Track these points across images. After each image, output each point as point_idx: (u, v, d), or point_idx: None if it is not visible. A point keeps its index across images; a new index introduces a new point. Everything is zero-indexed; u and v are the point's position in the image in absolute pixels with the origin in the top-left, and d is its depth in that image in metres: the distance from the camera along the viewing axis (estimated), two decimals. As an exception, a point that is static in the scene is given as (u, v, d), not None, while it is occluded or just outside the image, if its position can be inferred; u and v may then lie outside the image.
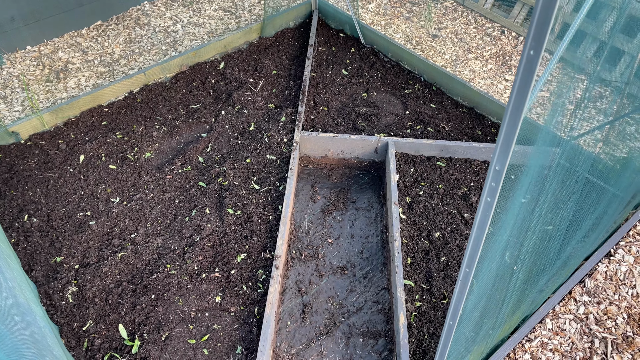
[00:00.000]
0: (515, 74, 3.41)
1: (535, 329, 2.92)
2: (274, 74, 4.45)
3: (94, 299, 2.92)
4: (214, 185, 3.51)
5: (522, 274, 2.10)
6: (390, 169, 3.55)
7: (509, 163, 1.23)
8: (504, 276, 1.90)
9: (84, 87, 4.42)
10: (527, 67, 1.01)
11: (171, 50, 4.85)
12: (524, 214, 1.95)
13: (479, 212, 1.35)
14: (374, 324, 2.98)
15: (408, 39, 5.14)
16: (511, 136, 1.15)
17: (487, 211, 1.33)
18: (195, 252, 3.10)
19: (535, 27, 0.96)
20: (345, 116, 4.05)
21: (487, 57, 4.94)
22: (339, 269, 3.25)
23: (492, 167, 1.24)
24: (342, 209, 3.61)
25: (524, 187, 1.84)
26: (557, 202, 2.40)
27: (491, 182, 1.26)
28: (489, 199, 1.30)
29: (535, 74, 1.01)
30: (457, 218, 3.35)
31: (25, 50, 4.74)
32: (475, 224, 1.39)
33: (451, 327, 1.77)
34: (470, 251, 1.47)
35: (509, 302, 2.22)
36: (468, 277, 1.55)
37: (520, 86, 1.05)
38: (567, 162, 2.56)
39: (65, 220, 3.30)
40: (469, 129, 3.96)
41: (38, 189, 3.46)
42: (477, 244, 1.43)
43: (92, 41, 4.91)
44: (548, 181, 2.28)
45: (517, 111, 1.09)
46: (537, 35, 0.97)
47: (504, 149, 1.18)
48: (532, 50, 0.99)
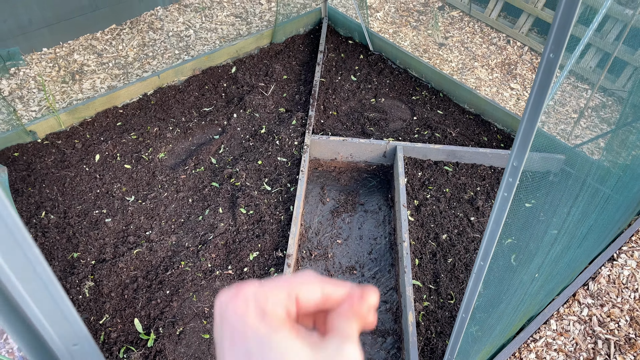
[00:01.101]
0: (520, 82, 3.49)
1: (540, 330, 3.00)
2: (285, 79, 4.55)
3: (110, 293, 2.99)
4: (226, 185, 3.59)
5: (532, 277, 2.18)
6: (398, 173, 3.64)
7: (525, 161, 1.31)
8: (520, 279, 1.98)
9: (99, 89, 4.52)
10: (546, 69, 1.10)
11: (184, 55, 4.95)
12: (531, 218, 2.04)
13: (496, 206, 1.44)
14: (382, 322, 3.06)
15: (415, 47, 5.25)
16: (529, 133, 1.23)
17: (503, 205, 1.42)
18: (208, 250, 3.18)
19: (555, 30, 1.05)
20: (354, 121, 4.14)
21: (492, 66, 5.04)
22: (348, 269, 3.33)
23: (510, 163, 1.32)
24: (350, 211, 3.70)
25: (530, 192, 1.92)
26: (562, 207, 2.49)
27: (508, 177, 1.35)
28: (505, 194, 1.39)
29: (555, 75, 1.10)
30: (464, 221, 3.43)
31: (42, 52, 4.84)
32: (492, 218, 1.47)
33: (464, 320, 1.84)
34: (486, 245, 1.55)
35: (520, 305, 2.29)
36: (482, 270, 1.63)
37: (540, 86, 1.14)
38: (572, 169, 2.64)
39: (82, 217, 3.38)
40: (475, 135, 4.05)
41: (55, 187, 3.55)
42: (492, 238, 1.51)
43: (106, 44, 5.02)
44: (553, 186, 2.37)
45: (535, 109, 1.18)
46: (557, 39, 1.06)
47: (522, 145, 1.27)
48: (551, 53, 1.08)
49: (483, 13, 5.64)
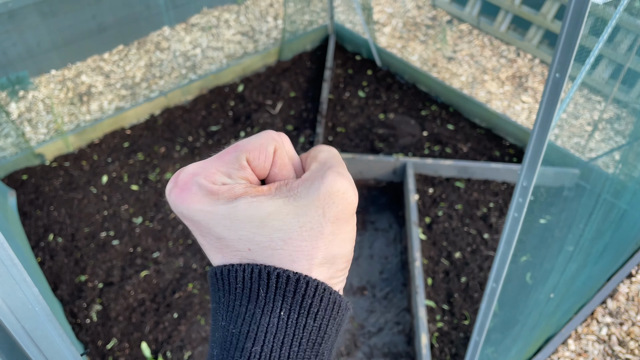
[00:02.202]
0: (532, 95, 3.43)
1: (557, 350, 2.89)
2: (292, 97, 4.54)
3: (117, 317, 2.95)
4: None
5: (547, 296, 2.10)
6: (409, 189, 3.58)
7: (535, 181, 1.25)
8: (536, 299, 1.90)
9: (107, 110, 4.54)
10: (552, 90, 1.05)
11: (191, 74, 4.97)
12: (545, 236, 1.97)
13: (507, 228, 1.38)
14: (395, 344, 2.97)
15: (424, 62, 5.22)
16: (538, 154, 1.18)
17: (514, 226, 1.36)
18: (216, 272, 3.14)
19: (560, 52, 1.00)
20: (362, 137, 4.10)
21: (503, 79, 4.98)
22: (358, 290, 3.26)
23: (519, 183, 1.27)
24: (360, 229, 3.63)
25: (544, 208, 1.85)
26: (578, 223, 2.41)
27: (518, 197, 1.29)
28: (516, 215, 1.33)
29: (561, 95, 1.05)
30: (477, 239, 3.35)
31: (50, 74, 4.89)
32: (503, 239, 1.41)
33: (477, 343, 1.77)
34: (498, 266, 1.49)
35: (537, 325, 2.21)
36: (495, 292, 1.56)
37: (547, 107, 1.09)
38: (586, 183, 2.56)
39: (90, 239, 3.36)
40: (487, 149, 3.98)
41: (63, 209, 3.54)
42: (504, 259, 1.45)
43: (114, 65, 5.06)
44: (568, 202, 2.29)
45: (543, 130, 1.13)
46: (562, 60, 1.01)
47: (531, 166, 1.21)
48: (557, 73, 1.03)
49: (492, 26, 5.60)
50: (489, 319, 1.70)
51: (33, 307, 0.53)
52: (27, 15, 4.53)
